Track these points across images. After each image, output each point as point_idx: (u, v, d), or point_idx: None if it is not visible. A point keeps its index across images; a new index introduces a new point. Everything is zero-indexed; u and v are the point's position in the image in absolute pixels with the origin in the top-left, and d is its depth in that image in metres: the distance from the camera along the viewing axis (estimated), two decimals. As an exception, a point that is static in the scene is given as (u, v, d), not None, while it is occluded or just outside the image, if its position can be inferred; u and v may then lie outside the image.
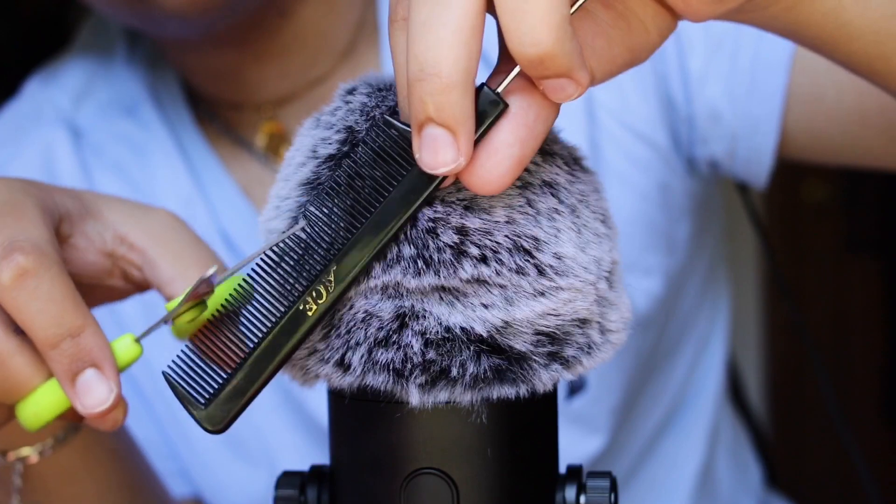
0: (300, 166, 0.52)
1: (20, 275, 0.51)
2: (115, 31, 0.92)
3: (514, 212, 0.49)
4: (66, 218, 0.58)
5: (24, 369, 0.52)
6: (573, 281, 0.49)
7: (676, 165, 0.85)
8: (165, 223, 0.60)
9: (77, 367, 0.51)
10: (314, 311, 0.48)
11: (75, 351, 0.51)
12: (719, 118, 0.81)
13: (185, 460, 0.87)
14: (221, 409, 0.49)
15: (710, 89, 0.81)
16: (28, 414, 0.53)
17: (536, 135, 0.46)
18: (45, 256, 0.52)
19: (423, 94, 0.44)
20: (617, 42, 0.49)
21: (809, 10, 0.51)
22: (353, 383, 0.50)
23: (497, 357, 0.49)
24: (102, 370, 0.52)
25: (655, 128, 0.83)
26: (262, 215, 0.53)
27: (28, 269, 0.51)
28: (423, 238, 0.48)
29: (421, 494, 0.50)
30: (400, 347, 0.49)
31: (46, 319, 0.51)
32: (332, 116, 0.52)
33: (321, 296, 0.48)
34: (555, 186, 0.50)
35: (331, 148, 0.51)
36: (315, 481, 0.54)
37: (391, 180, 0.48)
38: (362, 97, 0.52)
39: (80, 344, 0.51)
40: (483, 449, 0.50)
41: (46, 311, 0.51)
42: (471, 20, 0.44)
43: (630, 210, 0.84)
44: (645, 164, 0.84)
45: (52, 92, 0.91)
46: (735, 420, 1.03)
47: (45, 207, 0.56)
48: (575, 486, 0.53)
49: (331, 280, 0.48)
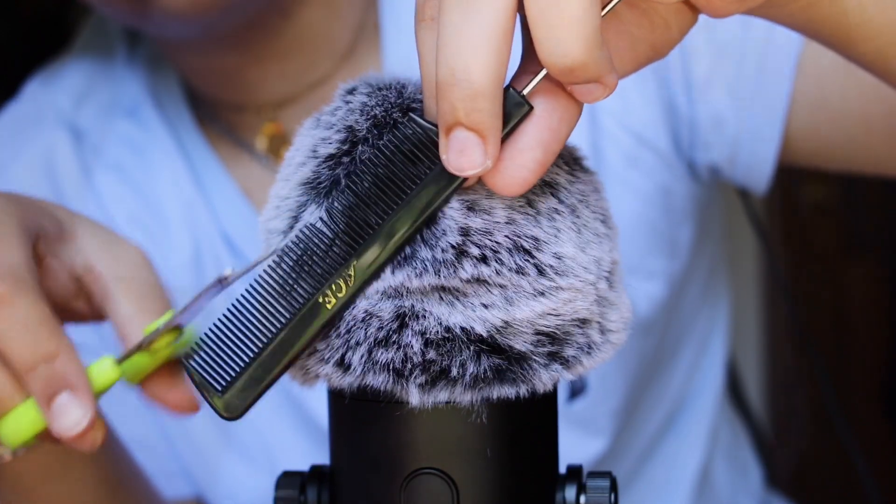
0: (300, 166, 0.52)
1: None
2: (116, 31, 0.92)
3: (515, 212, 0.49)
4: (43, 237, 0.58)
5: (5, 388, 0.53)
6: (573, 281, 0.49)
7: (678, 169, 0.84)
8: (134, 261, 0.60)
9: (52, 391, 0.52)
10: (332, 304, 0.49)
11: (50, 375, 0.52)
12: (722, 124, 0.81)
13: (187, 460, 0.87)
14: (238, 396, 0.50)
15: (714, 95, 0.80)
16: (8, 432, 0.53)
17: (560, 137, 0.47)
18: (21, 283, 0.53)
19: (454, 100, 0.44)
20: (640, 40, 0.49)
21: (828, 9, 0.51)
22: (352, 383, 0.50)
23: (497, 357, 0.49)
24: (77, 394, 0.52)
25: (657, 131, 0.83)
26: (262, 215, 0.53)
27: (3, 297, 0.52)
28: (431, 239, 0.48)
29: (421, 494, 0.50)
30: (400, 347, 0.49)
31: (21, 345, 0.52)
32: (332, 116, 0.52)
33: (340, 289, 0.49)
34: (555, 186, 0.50)
35: (331, 147, 0.51)
36: (315, 481, 0.54)
37: (414, 178, 0.48)
38: (362, 97, 0.52)
39: (54, 368, 0.52)
40: (483, 449, 0.50)
41: (21, 338, 0.52)
42: (502, 25, 0.44)
43: (632, 213, 0.84)
44: (647, 167, 0.83)
45: (53, 93, 0.91)
46: (735, 421, 1.03)
47: (25, 227, 0.56)
48: (575, 486, 0.53)
49: (350, 274, 0.48)
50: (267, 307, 0.50)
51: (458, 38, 0.44)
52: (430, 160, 0.48)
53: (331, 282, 0.49)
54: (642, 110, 0.82)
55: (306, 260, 0.49)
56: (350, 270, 0.49)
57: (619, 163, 0.83)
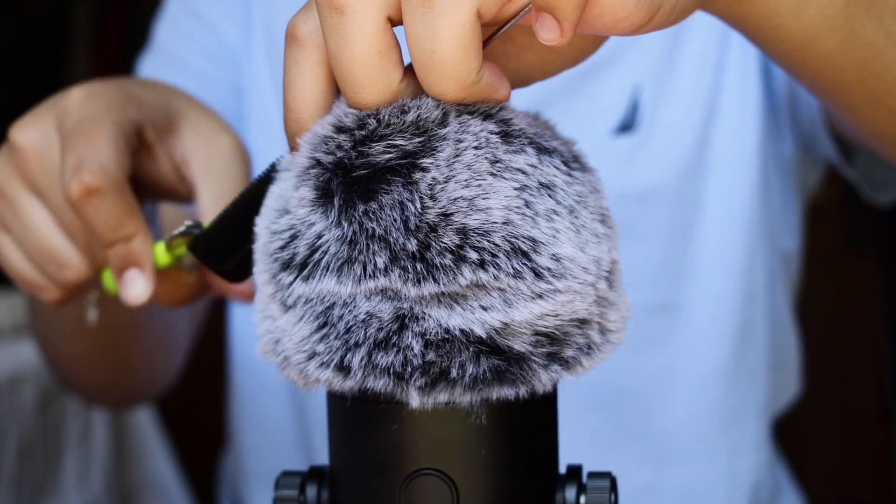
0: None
1: (86, 193, 0.62)
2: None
3: (512, 213, 0.49)
4: (151, 127, 0.67)
5: (95, 255, 0.67)
6: (572, 282, 0.49)
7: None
8: (229, 153, 0.69)
9: (124, 265, 0.64)
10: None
11: (125, 253, 0.64)
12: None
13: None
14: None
15: None
16: (106, 277, 0.68)
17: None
18: (108, 177, 0.62)
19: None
20: (550, 53, 0.56)
21: (747, 10, 0.59)
22: (353, 387, 0.50)
23: (496, 358, 0.49)
24: (143, 270, 0.65)
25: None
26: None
27: (92, 188, 0.62)
28: (426, 238, 0.48)
29: (421, 495, 0.50)
30: (400, 350, 0.49)
31: (105, 227, 0.63)
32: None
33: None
34: (552, 188, 0.50)
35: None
36: (314, 482, 0.54)
37: None
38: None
39: (129, 248, 0.64)
40: (483, 449, 0.50)
41: (106, 222, 0.63)
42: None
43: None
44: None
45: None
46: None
47: (122, 123, 0.65)
48: (575, 486, 0.53)
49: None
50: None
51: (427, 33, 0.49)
52: None
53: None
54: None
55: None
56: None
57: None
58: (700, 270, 0.93)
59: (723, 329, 0.94)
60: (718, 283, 0.94)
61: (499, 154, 0.50)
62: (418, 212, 0.48)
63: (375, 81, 0.50)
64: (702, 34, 0.92)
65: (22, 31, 2.00)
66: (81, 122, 0.64)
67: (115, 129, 0.64)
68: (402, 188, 0.49)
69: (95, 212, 0.63)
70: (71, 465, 1.66)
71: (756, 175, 0.93)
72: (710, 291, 0.94)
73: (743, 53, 0.92)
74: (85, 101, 0.66)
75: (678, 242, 0.93)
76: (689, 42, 0.92)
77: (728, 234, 0.93)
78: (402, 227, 0.48)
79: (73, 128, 0.64)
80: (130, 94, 0.67)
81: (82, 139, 0.63)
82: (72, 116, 0.65)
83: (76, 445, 1.67)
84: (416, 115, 0.50)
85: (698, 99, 0.93)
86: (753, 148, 0.93)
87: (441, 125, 0.50)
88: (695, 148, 0.92)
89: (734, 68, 0.93)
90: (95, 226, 0.63)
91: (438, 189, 0.48)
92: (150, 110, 0.67)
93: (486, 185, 0.49)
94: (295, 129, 0.52)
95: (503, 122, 0.51)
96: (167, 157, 0.68)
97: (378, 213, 0.49)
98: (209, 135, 0.69)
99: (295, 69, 0.52)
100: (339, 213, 0.49)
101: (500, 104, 0.51)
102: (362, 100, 0.50)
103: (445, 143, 0.49)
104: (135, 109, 0.66)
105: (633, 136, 0.92)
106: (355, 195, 0.49)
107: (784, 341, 1.00)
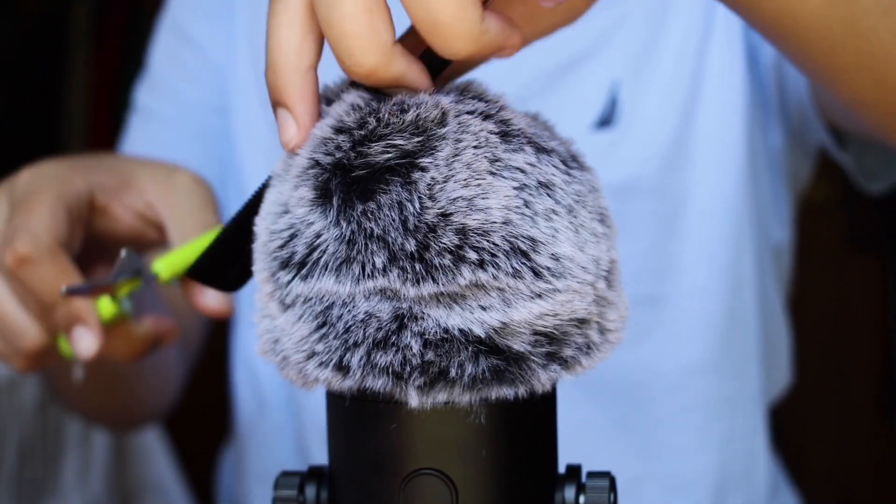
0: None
1: (19, 262, 0.66)
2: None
3: (511, 213, 0.49)
4: (100, 191, 0.71)
5: (39, 321, 0.68)
6: (571, 282, 0.49)
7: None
8: (186, 186, 0.72)
9: (70, 323, 0.67)
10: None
11: (67, 312, 0.66)
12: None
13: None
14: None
15: None
16: (62, 343, 0.70)
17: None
18: (39, 244, 0.66)
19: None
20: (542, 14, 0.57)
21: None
22: (352, 387, 0.50)
23: (495, 357, 0.49)
24: (88, 325, 0.67)
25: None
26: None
27: (22, 256, 0.65)
28: (425, 238, 0.48)
29: (420, 495, 0.50)
30: (399, 350, 0.49)
31: (44, 291, 0.66)
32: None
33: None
34: (551, 187, 0.50)
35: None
36: (314, 481, 0.54)
37: None
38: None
39: (70, 308, 0.66)
40: (482, 449, 0.50)
41: (43, 286, 0.66)
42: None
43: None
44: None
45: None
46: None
47: (63, 194, 0.68)
48: (574, 486, 0.53)
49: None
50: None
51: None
52: None
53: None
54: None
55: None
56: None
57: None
58: (685, 262, 0.94)
59: (709, 320, 0.94)
60: (704, 274, 0.94)
61: (498, 153, 0.49)
62: (417, 212, 0.48)
63: (368, 41, 0.49)
64: (682, 28, 0.92)
65: (22, 31, 2.00)
66: (24, 195, 0.69)
67: (54, 200, 0.68)
68: (400, 188, 0.48)
69: (31, 277, 0.66)
70: (71, 465, 1.66)
71: (742, 167, 0.93)
72: (696, 283, 0.94)
73: (727, 46, 0.92)
74: (31, 178, 0.70)
75: (662, 235, 0.93)
76: (668, 37, 0.92)
77: (713, 226, 0.93)
78: (400, 227, 0.48)
79: (15, 202, 0.69)
80: (76, 166, 0.71)
81: (20, 211, 0.68)
82: (16, 192, 0.70)
83: (76, 445, 1.67)
84: (415, 115, 0.50)
85: (678, 93, 0.93)
86: (739, 140, 0.93)
87: (440, 125, 0.50)
88: (675, 141, 0.93)
89: (716, 62, 0.93)
90: (34, 291, 0.66)
91: (437, 189, 0.48)
92: (97, 177, 0.71)
93: (485, 185, 0.49)
94: (272, 79, 0.52)
95: (502, 121, 0.51)
96: (127, 211, 0.72)
97: (376, 212, 0.48)
98: (164, 177, 0.72)
99: (275, 20, 0.52)
100: (338, 212, 0.49)
101: (500, 104, 0.51)
102: (357, 61, 0.49)
103: (445, 142, 0.49)
104: (80, 180, 0.70)
105: (612, 131, 0.92)
106: (354, 195, 0.49)
107: (774, 331, 1.00)
